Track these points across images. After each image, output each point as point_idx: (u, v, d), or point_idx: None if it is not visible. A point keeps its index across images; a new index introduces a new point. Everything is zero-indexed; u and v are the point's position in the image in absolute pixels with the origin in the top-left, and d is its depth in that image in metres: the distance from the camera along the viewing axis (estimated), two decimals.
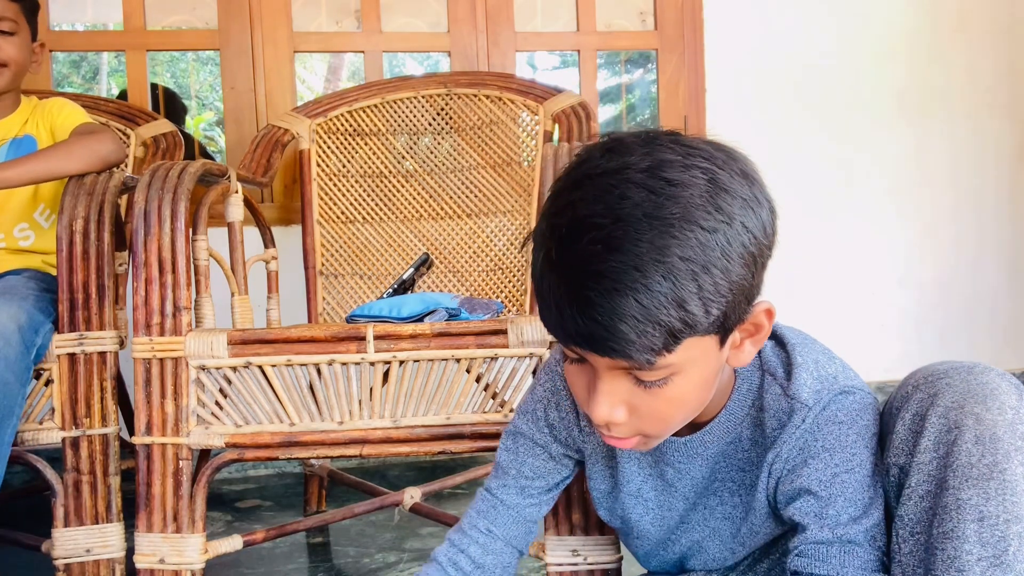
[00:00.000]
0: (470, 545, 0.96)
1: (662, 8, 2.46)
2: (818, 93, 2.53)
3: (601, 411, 0.73)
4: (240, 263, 1.55)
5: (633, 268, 0.65)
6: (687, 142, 0.71)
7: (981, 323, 2.66)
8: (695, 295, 0.66)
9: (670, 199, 0.66)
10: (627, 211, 0.66)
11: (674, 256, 0.65)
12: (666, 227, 0.65)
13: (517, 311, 1.82)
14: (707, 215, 0.66)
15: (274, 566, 1.65)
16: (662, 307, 0.65)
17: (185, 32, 2.33)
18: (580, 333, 0.68)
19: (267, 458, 1.27)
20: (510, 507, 0.97)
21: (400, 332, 1.23)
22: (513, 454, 0.97)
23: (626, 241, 0.65)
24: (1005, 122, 2.65)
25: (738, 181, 0.70)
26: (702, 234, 0.66)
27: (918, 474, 0.74)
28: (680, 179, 0.67)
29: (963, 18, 2.61)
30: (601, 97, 2.87)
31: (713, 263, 0.66)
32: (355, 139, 1.98)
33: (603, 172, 0.69)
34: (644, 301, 0.65)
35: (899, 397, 0.79)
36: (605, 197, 0.67)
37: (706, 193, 0.67)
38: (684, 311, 0.66)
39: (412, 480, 2.18)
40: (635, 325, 0.66)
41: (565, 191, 0.71)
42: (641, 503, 0.93)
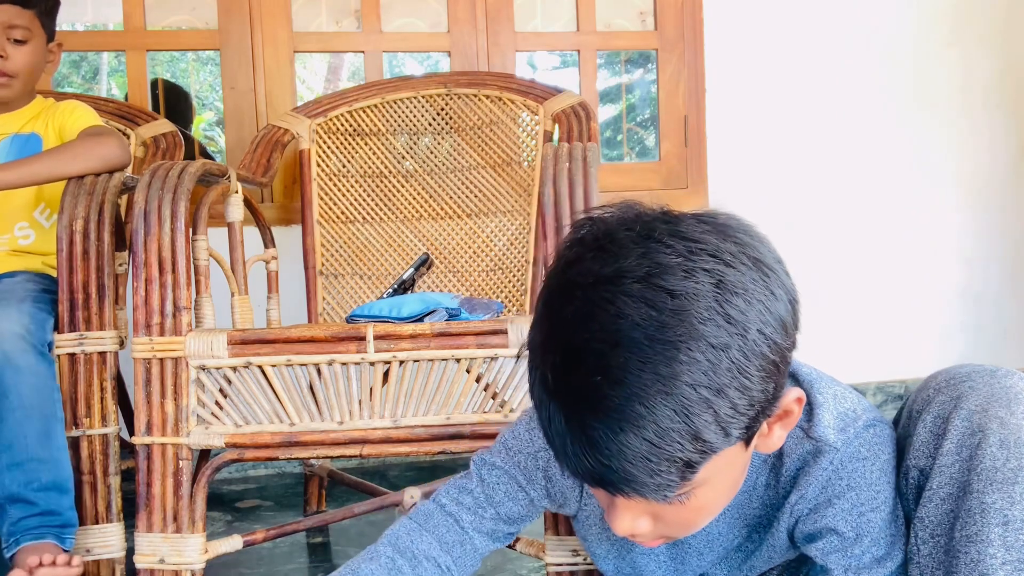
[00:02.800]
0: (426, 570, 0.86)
1: (662, 8, 2.46)
2: (818, 93, 2.53)
3: (623, 527, 0.68)
4: (240, 263, 1.55)
5: (638, 403, 0.58)
6: (688, 234, 0.63)
7: (982, 322, 2.66)
8: (711, 423, 0.59)
9: (673, 315, 0.59)
10: (626, 334, 0.59)
11: (683, 385, 0.58)
12: (671, 350, 0.58)
13: (517, 311, 1.82)
14: (717, 329, 0.59)
15: (274, 566, 1.65)
16: (675, 443, 0.59)
17: (185, 32, 2.33)
18: (587, 472, 0.62)
19: (267, 458, 1.27)
20: (476, 548, 0.89)
21: (400, 332, 1.23)
22: (491, 490, 0.88)
23: (628, 371, 0.58)
24: (1006, 121, 2.65)
25: (751, 277, 0.62)
26: (713, 353, 0.58)
27: (940, 476, 0.73)
28: (683, 289, 0.59)
29: (963, 18, 2.60)
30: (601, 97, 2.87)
31: (728, 384, 0.59)
32: (355, 139, 1.98)
33: (595, 281, 0.61)
34: (654, 440, 0.58)
35: (920, 400, 0.78)
36: (600, 315, 0.60)
37: (714, 302, 0.59)
38: (700, 442, 0.60)
39: (412, 480, 2.18)
40: (647, 466, 0.59)
41: (556, 300, 0.64)
42: (654, 560, 0.90)
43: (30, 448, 1.29)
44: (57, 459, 1.31)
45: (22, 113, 1.63)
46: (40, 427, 1.30)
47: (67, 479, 1.32)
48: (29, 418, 1.29)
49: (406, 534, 0.88)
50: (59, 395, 1.34)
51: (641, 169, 2.51)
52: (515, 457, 0.88)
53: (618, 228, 0.65)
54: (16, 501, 1.28)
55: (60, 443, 1.32)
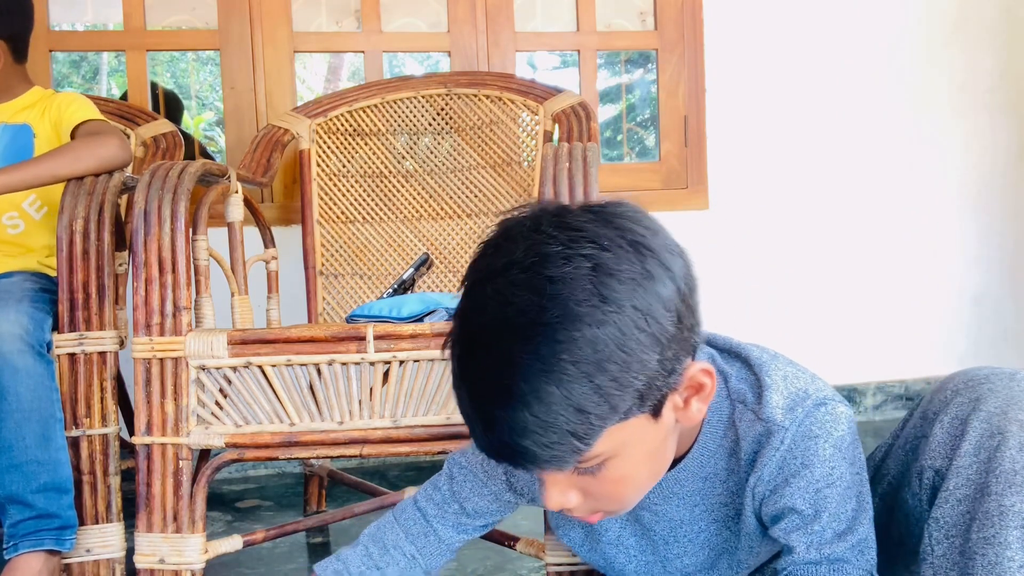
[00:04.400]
0: (389, 565, 0.93)
1: (662, 8, 2.46)
2: (818, 93, 2.53)
3: (553, 501, 0.72)
4: (240, 263, 1.55)
5: (522, 381, 0.63)
6: (571, 223, 0.67)
7: (982, 323, 2.66)
8: (593, 395, 0.64)
9: (552, 299, 0.63)
10: (511, 320, 0.64)
11: (563, 362, 0.62)
12: (551, 332, 0.63)
13: None
14: (592, 309, 0.63)
15: (274, 566, 1.65)
16: (560, 417, 0.63)
17: (185, 32, 2.33)
18: (493, 450, 0.68)
19: (267, 458, 1.27)
20: (442, 539, 0.95)
21: (400, 332, 1.23)
22: (459, 486, 0.94)
23: (513, 354, 0.64)
24: (1006, 121, 2.65)
25: (627, 259, 0.66)
26: (590, 331, 0.63)
27: (957, 477, 0.73)
28: (561, 275, 0.64)
29: (963, 17, 2.60)
30: (601, 97, 2.87)
31: (607, 359, 0.63)
32: (355, 139, 1.98)
33: (490, 274, 0.67)
34: (540, 414, 0.63)
35: (936, 401, 0.79)
36: (491, 305, 0.66)
37: (590, 284, 0.64)
38: (584, 414, 0.64)
39: (412, 480, 2.18)
40: (537, 439, 0.64)
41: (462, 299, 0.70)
42: (623, 551, 0.91)
43: (29, 450, 1.29)
44: (56, 460, 1.31)
45: (13, 104, 1.62)
46: (39, 428, 1.30)
47: (66, 479, 1.32)
48: (28, 420, 1.29)
49: (381, 527, 0.96)
50: (58, 395, 1.34)
51: (641, 169, 2.51)
52: (478, 455, 0.93)
53: (514, 225, 0.70)
54: (15, 502, 1.28)
55: (59, 443, 1.32)
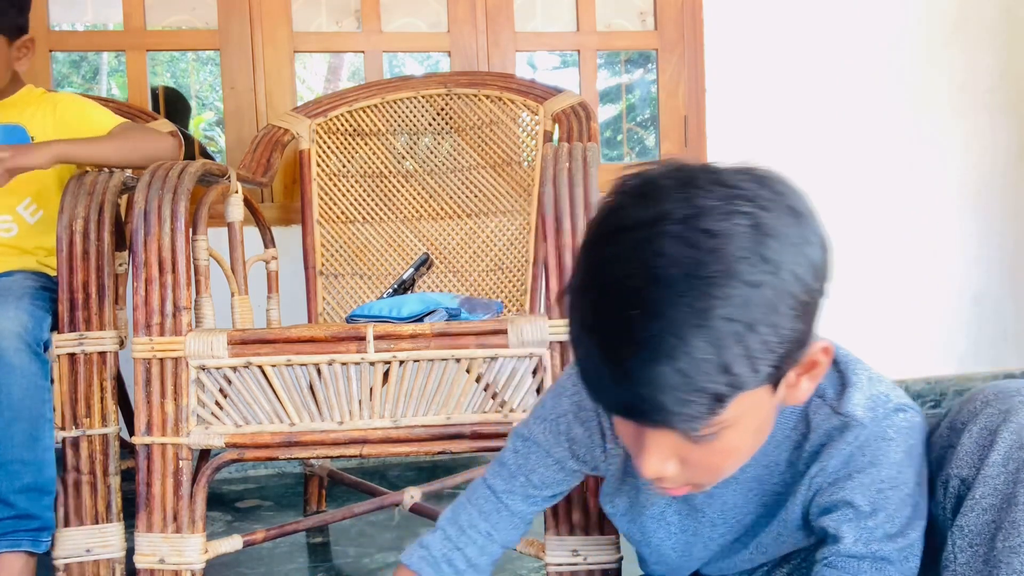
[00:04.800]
0: (468, 545, 0.94)
1: (662, 8, 2.46)
2: (818, 93, 2.53)
3: (651, 467, 0.70)
4: (240, 263, 1.55)
5: (672, 335, 0.60)
6: (728, 180, 0.65)
7: (983, 323, 2.66)
8: (741, 357, 0.61)
9: (711, 253, 0.60)
10: (664, 270, 0.61)
11: (716, 319, 0.60)
12: (707, 286, 0.60)
13: (517, 311, 1.82)
14: (751, 268, 0.61)
15: (274, 566, 1.65)
16: (705, 375, 0.61)
17: (185, 32, 2.33)
18: (620, 403, 0.65)
19: (267, 458, 1.27)
20: (514, 513, 0.95)
21: (400, 332, 1.23)
22: (523, 458, 0.93)
23: (664, 305, 0.60)
24: (1006, 121, 2.65)
25: (785, 221, 0.64)
26: (747, 290, 0.60)
27: (984, 486, 0.74)
28: (721, 229, 0.61)
29: (963, 17, 2.60)
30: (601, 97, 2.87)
31: (760, 320, 0.61)
32: (355, 139, 1.98)
33: (636, 224, 0.63)
34: (686, 370, 0.60)
35: (966, 412, 0.79)
36: (639, 254, 0.62)
37: (750, 242, 0.61)
38: (730, 375, 0.61)
39: (412, 480, 2.18)
40: (677, 396, 0.61)
41: (597, 245, 0.66)
42: (664, 526, 0.91)
43: (15, 449, 1.29)
44: (41, 461, 1.31)
45: (9, 102, 1.61)
46: (28, 428, 1.30)
47: (50, 481, 1.32)
48: (17, 418, 1.29)
49: (455, 509, 0.97)
50: (50, 396, 1.34)
51: None
52: (541, 424, 0.92)
53: (660, 177, 0.66)
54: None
55: (47, 444, 1.32)
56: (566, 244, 1.23)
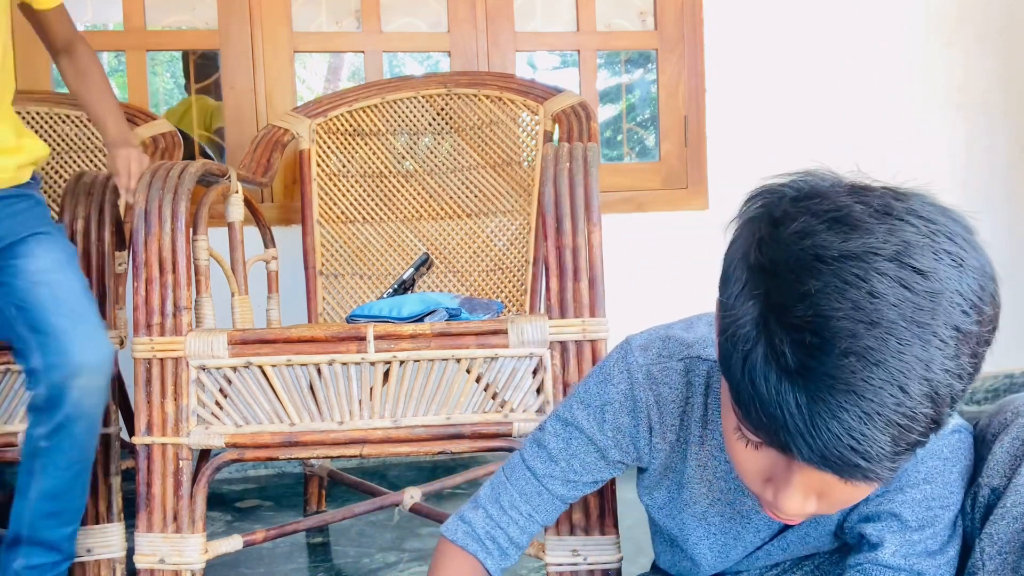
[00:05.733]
0: (510, 525, 0.93)
1: (662, 8, 2.46)
2: (818, 93, 2.53)
3: (793, 506, 0.65)
4: (240, 263, 1.55)
5: (899, 388, 0.56)
6: (923, 213, 0.61)
7: None
8: (948, 407, 0.59)
9: (927, 297, 0.57)
10: (883, 313, 0.56)
11: (937, 370, 0.56)
12: (927, 334, 0.56)
13: (517, 311, 1.82)
14: (965, 316, 0.58)
15: (274, 566, 1.65)
16: (920, 431, 0.57)
17: (185, 32, 2.33)
18: (823, 456, 0.59)
19: (267, 458, 1.27)
20: (555, 496, 0.93)
21: (400, 332, 1.23)
22: (564, 443, 0.91)
23: (888, 354, 0.56)
24: (1006, 121, 2.65)
25: (978, 258, 0.61)
26: (960, 338, 0.58)
27: (1015, 495, 0.74)
28: (934, 271, 0.58)
29: (963, 18, 2.60)
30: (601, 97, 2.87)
31: (966, 369, 0.59)
32: (355, 139, 1.98)
33: (841, 256, 0.58)
34: (909, 426, 0.57)
35: (997, 423, 0.78)
36: (851, 293, 0.57)
37: (959, 285, 0.58)
38: (938, 426, 0.59)
39: (412, 480, 2.18)
40: (892, 453, 0.57)
41: (790, 274, 0.59)
42: (703, 526, 0.90)
43: (76, 499, 1.28)
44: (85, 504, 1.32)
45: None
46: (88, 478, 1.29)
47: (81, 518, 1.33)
48: (86, 471, 1.28)
49: (495, 487, 0.95)
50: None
51: (641, 169, 2.51)
52: (585, 410, 0.89)
53: (846, 199, 0.62)
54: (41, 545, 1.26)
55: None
56: (566, 244, 1.23)
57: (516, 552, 0.94)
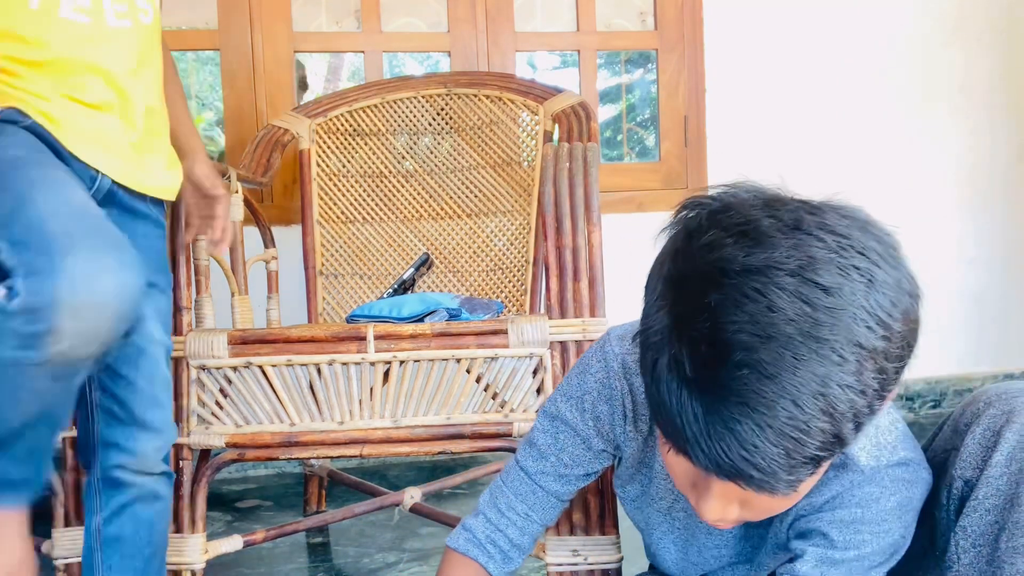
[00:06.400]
0: (508, 527, 0.94)
1: (662, 8, 2.46)
2: (818, 93, 2.53)
3: (713, 512, 0.68)
4: (240, 263, 1.55)
5: (792, 402, 0.57)
6: (836, 228, 0.61)
7: (981, 323, 2.66)
8: (851, 423, 0.59)
9: (828, 313, 0.57)
10: (779, 327, 0.57)
11: (834, 386, 0.57)
12: (825, 349, 0.56)
13: (517, 311, 1.82)
14: (869, 331, 0.58)
15: (274, 566, 1.65)
16: (818, 445, 0.58)
17: (185, 32, 2.33)
18: (716, 464, 0.60)
19: (267, 458, 1.27)
20: (549, 493, 0.94)
21: (400, 332, 1.23)
22: (552, 438, 0.92)
23: (781, 368, 0.56)
24: (1006, 120, 2.65)
25: (893, 275, 0.61)
26: (862, 355, 0.57)
27: (987, 487, 0.73)
28: (838, 286, 0.58)
29: (963, 17, 2.60)
30: (601, 97, 2.87)
31: (869, 385, 0.58)
32: (355, 139, 1.98)
33: (743, 270, 0.58)
34: (801, 439, 0.57)
35: (968, 413, 0.78)
36: (749, 307, 0.57)
37: (865, 302, 0.58)
38: (839, 441, 0.59)
39: (412, 480, 2.18)
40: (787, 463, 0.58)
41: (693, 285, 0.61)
42: (668, 521, 0.92)
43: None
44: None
45: None
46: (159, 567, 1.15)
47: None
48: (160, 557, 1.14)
49: (493, 492, 0.96)
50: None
51: (641, 169, 2.51)
52: (567, 402, 0.91)
53: (757, 213, 0.62)
54: None
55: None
56: (566, 244, 1.23)
57: (519, 554, 0.95)
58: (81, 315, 0.82)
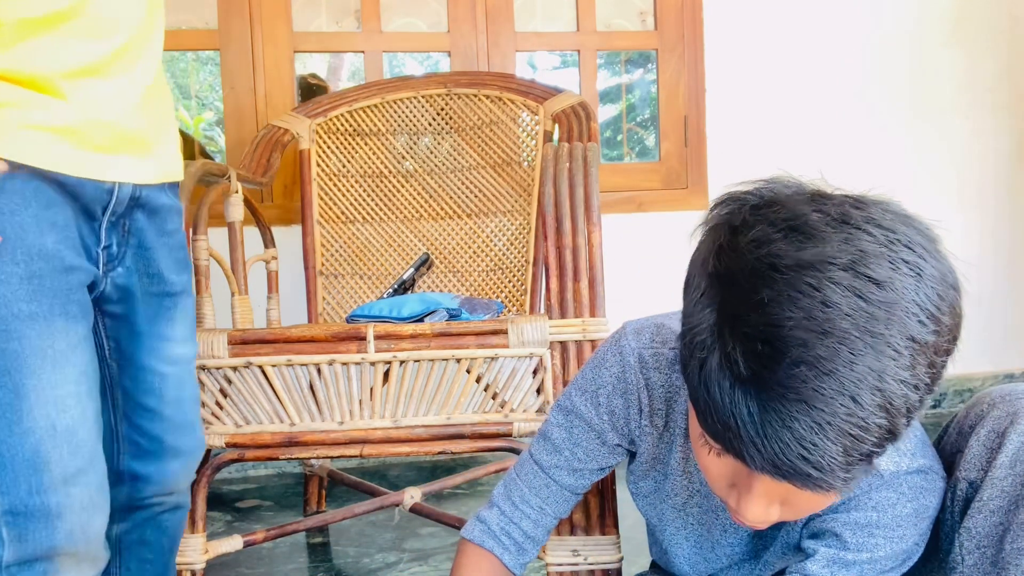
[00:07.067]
0: (522, 519, 0.94)
1: (662, 8, 2.46)
2: (818, 93, 2.53)
3: (756, 513, 0.67)
4: (240, 263, 1.55)
5: (850, 398, 0.56)
6: (883, 222, 0.62)
7: (981, 323, 2.66)
8: (903, 419, 0.59)
9: (882, 307, 0.57)
10: (835, 322, 0.56)
11: (890, 380, 0.57)
12: (881, 344, 0.56)
13: (517, 311, 1.82)
14: (921, 326, 0.58)
15: (274, 566, 1.65)
16: (873, 441, 0.58)
17: (185, 32, 2.33)
18: (775, 466, 0.59)
19: (267, 458, 1.27)
20: (563, 487, 0.94)
21: (400, 332, 1.23)
22: (567, 432, 0.92)
23: (839, 364, 0.56)
24: (1007, 121, 2.65)
25: (938, 268, 0.61)
26: (916, 348, 0.58)
27: (991, 489, 0.73)
28: (890, 280, 0.58)
29: (963, 18, 2.60)
30: (601, 97, 2.87)
31: (922, 380, 0.59)
32: (355, 139, 1.98)
33: (795, 265, 0.58)
34: (861, 436, 0.57)
35: (973, 415, 0.78)
36: (804, 302, 0.57)
37: (916, 295, 0.58)
38: (892, 436, 0.59)
39: (412, 480, 2.18)
40: (845, 463, 0.58)
41: (745, 282, 0.60)
42: (682, 517, 0.91)
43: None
44: None
45: None
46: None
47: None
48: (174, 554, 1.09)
49: (507, 484, 0.97)
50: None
51: (641, 169, 2.51)
52: (582, 396, 0.91)
53: (804, 208, 0.62)
54: None
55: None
56: (566, 244, 1.23)
57: (533, 546, 0.95)
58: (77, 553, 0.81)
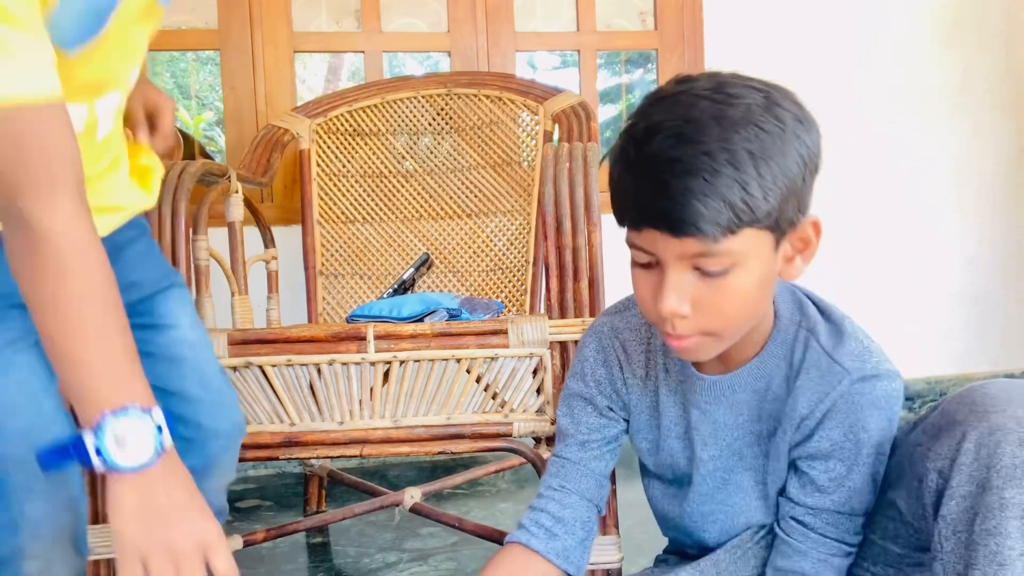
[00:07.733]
0: (548, 503, 1.00)
1: (662, 8, 2.46)
2: (818, 93, 2.53)
3: (669, 303, 0.80)
4: (240, 263, 1.55)
5: (703, 154, 0.75)
6: (747, 80, 0.83)
7: (983, 323, 2.66)
8: (755, 180, 0.76)
9: (732, 106, 0.77)
10: (695, 115, 0.77)
11: (738, 146, 0.75)
12: (730, 124, 0.76)
13: (517, 311, 1.82)
14: (764, 119, 0.77)
15: (274, 566, 1.65)
16: (727, 187, 0.75)
17: (185, 32, 2.33)
18: (656, 213, 0.78)
19: (267, 458, 1.27)
20: (575, 462, 1.01)
21: (400, 332, 1.23)
22: (569, 416, 1.02)
23: (696, 134, 0.76)
24: (1006, 121, 2.65)
25: (789, 104, 0.81)
26: (762, 132, 0.77)
27: (959, 475, 0.76)
28: (740, 93, 0.79)
29: (963, 18, 2.61)
30: (601, 97, 2.87)
31: (771, 155, 0.77)
32: (355, 139, 1.98)
33: (674, 92, 0.80)
34: (712, 180, 0.75)
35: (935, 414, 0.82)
36: (676, 107, 0.78)
37: (763, 105, 0.79)
38: (746, 193, 0.75)
39: (412, 480, 2.18)
40: (704, 200, 0.75)
41: (641, 110, 0.82)
42: (675, 443, 0.98)
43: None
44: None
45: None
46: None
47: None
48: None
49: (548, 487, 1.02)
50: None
51: None
52: (573, 379, 1.02)
53: (700, 79, 0.82)
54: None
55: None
56: (566, 244, 1.23)
57: (563, 530, 0.98)
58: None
